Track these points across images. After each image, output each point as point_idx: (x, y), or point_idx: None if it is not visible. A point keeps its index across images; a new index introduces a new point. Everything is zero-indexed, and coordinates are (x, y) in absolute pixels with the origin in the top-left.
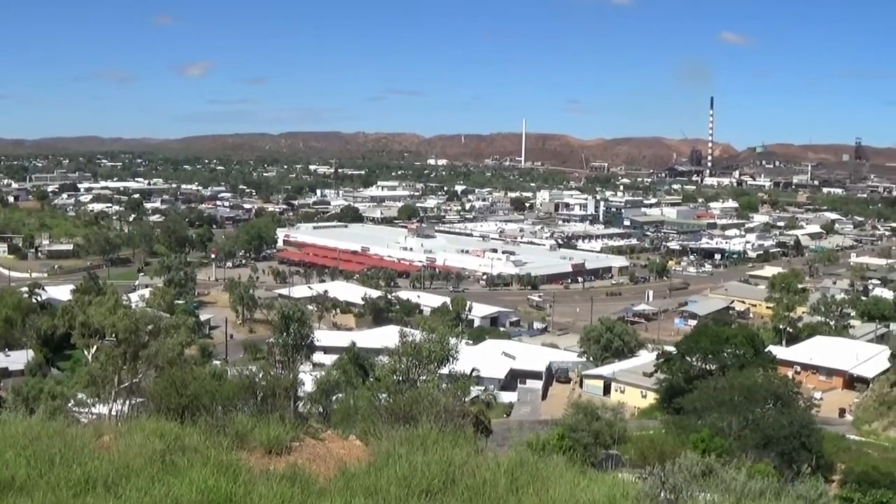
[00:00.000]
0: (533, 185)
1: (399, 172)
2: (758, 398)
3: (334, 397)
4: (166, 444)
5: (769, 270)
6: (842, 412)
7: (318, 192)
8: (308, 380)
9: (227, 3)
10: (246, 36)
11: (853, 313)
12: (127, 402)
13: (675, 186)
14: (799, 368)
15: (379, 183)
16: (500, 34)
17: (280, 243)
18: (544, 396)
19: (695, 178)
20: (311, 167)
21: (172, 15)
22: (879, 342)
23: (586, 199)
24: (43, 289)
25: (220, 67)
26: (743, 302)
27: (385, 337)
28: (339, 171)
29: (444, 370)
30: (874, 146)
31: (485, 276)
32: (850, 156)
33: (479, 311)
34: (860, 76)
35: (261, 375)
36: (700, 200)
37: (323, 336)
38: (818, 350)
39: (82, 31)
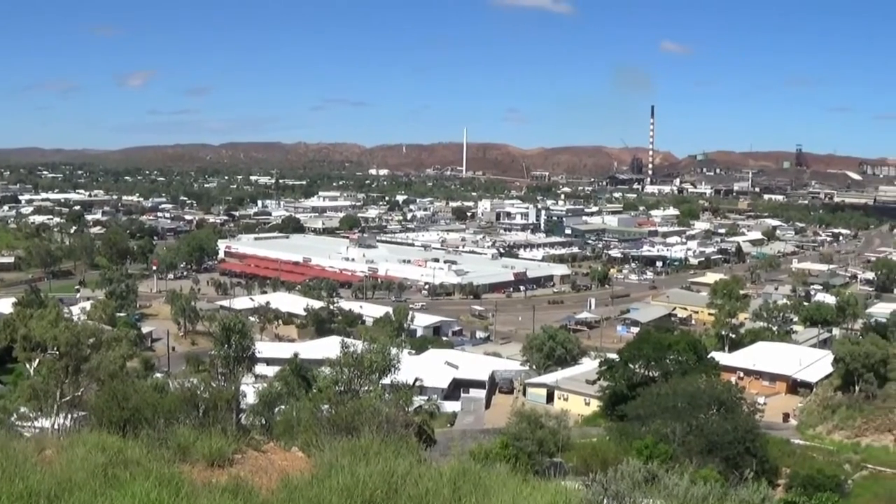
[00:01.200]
0: (474, 194)
1: (340, 183)
2: (701, 404)
3: (277, 409)
4: (108, 457)
5: (711, 277)
6: (786, 417)
7: (260, 202)
8: (250, 392)
9: (168, 13)
10: (186, 46)
11: (795, 319)
12: (69, 416)
13: (616, 195)
14: (742, 374)
15: (320, 193)
16: (441, 44)
17: (221, 255)
18: (488, 405)
19: (636, 186)
20: (253, 178)
21: (113, 25)
22: (822, 347)
23: (527, 207)
24: None
25: (160, 78)
26: (685, 309)
27: (327, 348)
28: (281, 181)
29: (386, 380)
30: (815, 153)
31: (427, 286)
32: (791, 163)
33: (422, 321)
34: (800, 83)
35: (203, 388)
36: (641, 208)
37: (265, 348)
38: (761, 355)
39: (23, 40)
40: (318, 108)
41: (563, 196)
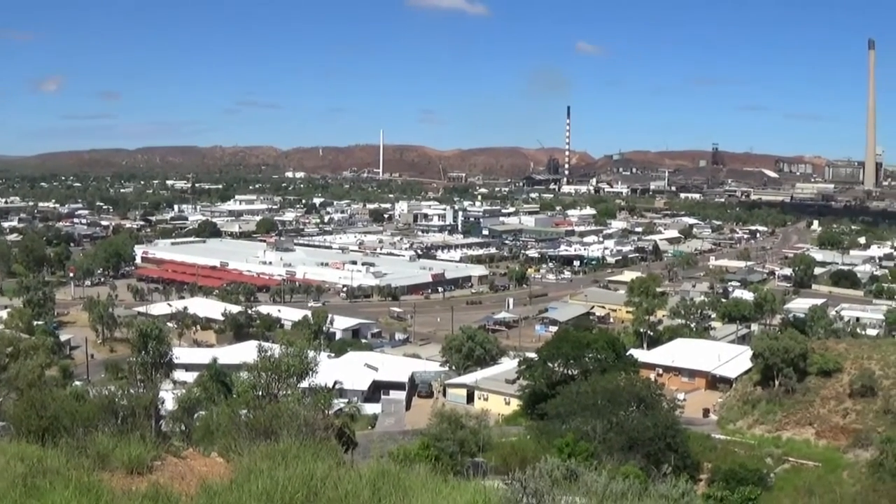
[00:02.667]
0: (391, 196)
1: (257, 186)
2: (621, 401)
3: (196, 415)
4: (28, 466)
5: (628, 275)
6: (706, 412)
7: (176, 207)
8: (169, 398)
9: (79, 15)
10: (99, 49)
11: (714, 315)
12: None
13: (533, 195)
14: (661, 371)
15: (237, 197)
16: (357, 45)
17: (139, 260)
18: (408, 407)
19: (552, 186)
20: (169, 182)
21: (24, 28)
22: (741, 343)
23: (445, 209)
24: None
25: (74, 82)
26: (603, 307)
27: (246, 352)
28: (197, 185)
29: (305, 384)
30: (731, 151)
31: (345, 289)
32: (707, 161)
33: (341, 324)
34: (716, 83)
35: (121, 395)
36: (558, 208)
37: (183, 353)
38: (680, 352)
39: None
40: (233, 111)
41: (480, 197)
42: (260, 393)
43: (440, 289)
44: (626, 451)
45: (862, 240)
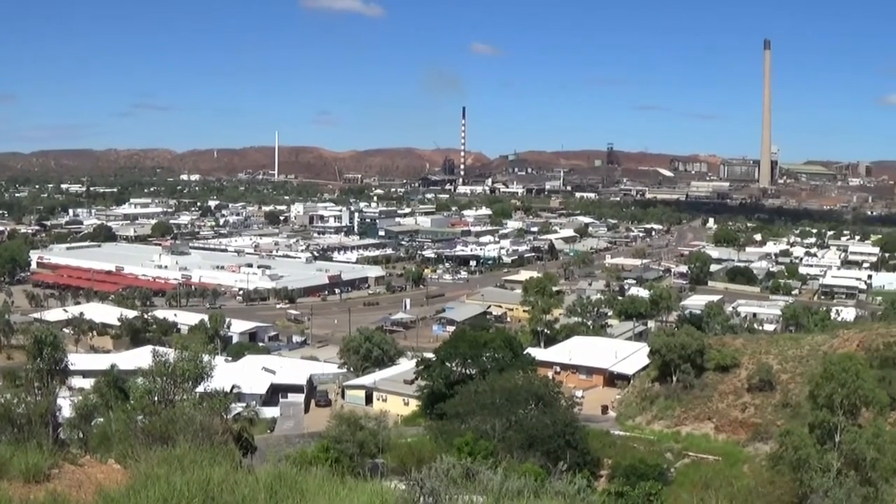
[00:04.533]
0: (287, 198)
1: (152, 189)
2: (519, 399)
3: (93, 422)
4: None
5: (524, 275)
6: (604, 409)
7: (71, 211)
8: (66, 405)
9: None
10: None
11: (610, 313)
12: None
13: (429, 196)
14: (559, 368)
15: (132, 200)
16: (252, 46)
17: (34, 266)
18: (307, 410)
19: (448, 186)
20: (64, 186)
21: None
22: (638, 340)
23: (341, 210)
24: None
25: None
26: (500, 306)
27: (143, 357)
28: (92, 189)
29: (201, 388)
30: (626, 151)
31: (241, 292)
32: (603, 161)
33: (238, 327)
34: (611, 83)
35: (17, 403)
36: (454, 209)
37: (80, 360)
38: (577, 350)
39: None
40: (128, 114)
41: (375, 198)
42: (156, 398)
43: (337, 290)
44: (526, 449)
45: (758, 237)
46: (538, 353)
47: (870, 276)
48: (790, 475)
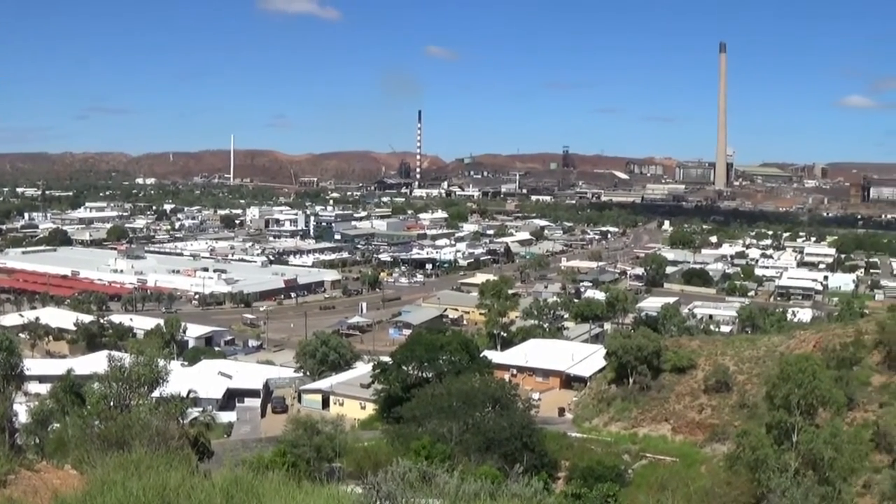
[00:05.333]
0: (243, 201)
1: (107, 193)
2: (476, 402)
3: (50, 427)
4: None
5: (480, 278)
6: (561, 411)
7: (27, 215)
8: (22, 411)
9: None
10: None
11: (566, 315)
12: None
13: (385, 199)
14: (515, 371)
15: (87, 204)
16: (207, 49)
17: None
18: (263, 414)
19: (404, 190)
20: (19, 190)
21: None
22: (594, 342)
23: (296, 214)
24: None
25: None
26: (456, 309)
27: (99, 362)
28: (47, 192)
29: (157, 393)
30: (581, 154)
31: (197, 296)
32: (558, 164)
33: (193, 332)
34: (568, 86)
35: None
36: (410, 212)
37: (36, 365)
38: (534, 352)
39: None
40: (84, 117)
41: (331, 202)
42: (112, 403)
43: (293, 294)
44: (484, 451)
45: (713, 239)
46: (495, 355)
47: (826, 278)
48: (747, 475)
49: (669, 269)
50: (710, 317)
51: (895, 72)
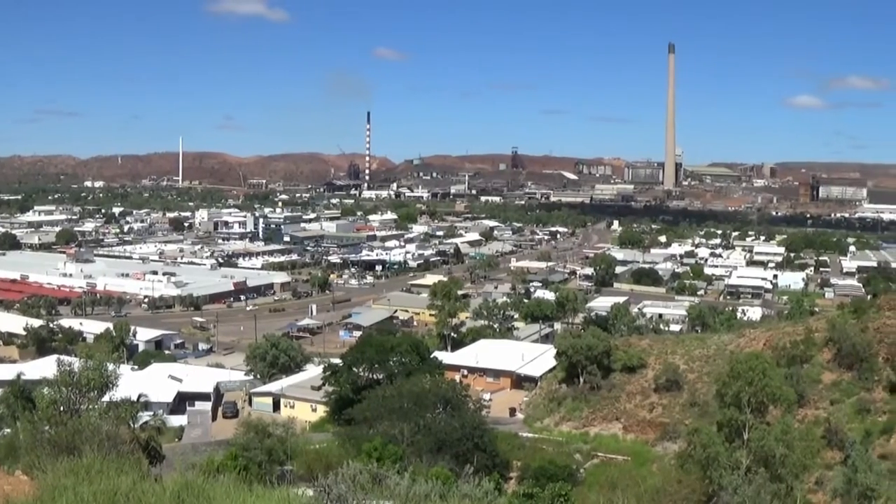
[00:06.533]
0: (191, 204)
1: (56, 196)
2: (427, 403)
3: (0, 432)
4: None
5: (430, 279)
6: (512, 411)
7: None
8: None
9: None
10: None
11: (516, 315)
12: None
13: (334, 201)
14: (466, 372)
15: (36, 208)
16: (157, 51)
17: None
18: (214, 417)
19: (353, 191)
20: None
21: None
22: (545, 341)
23: (245, 216)
24: None
25: None
26: (406, 311)
27: (49, 367)
28: None
29: (107, 397)
30: (530, 154)
31: (147, 299)
32: (508, 164)
33: (143, 335)
34: (517, 87)
35: None
36: (359, 214)
37: None
38: (484, 353)
39: None
40: (32, 120)
41: (280, 203)
42: (62, 408)
43: (242, 297)
44: (435, 452)
45: (663, 238)
46: (445, 356)
47: (775, 276)
48: (699, 473)
49: (619, 269)
50: (660, 316)
51: (844, 72)
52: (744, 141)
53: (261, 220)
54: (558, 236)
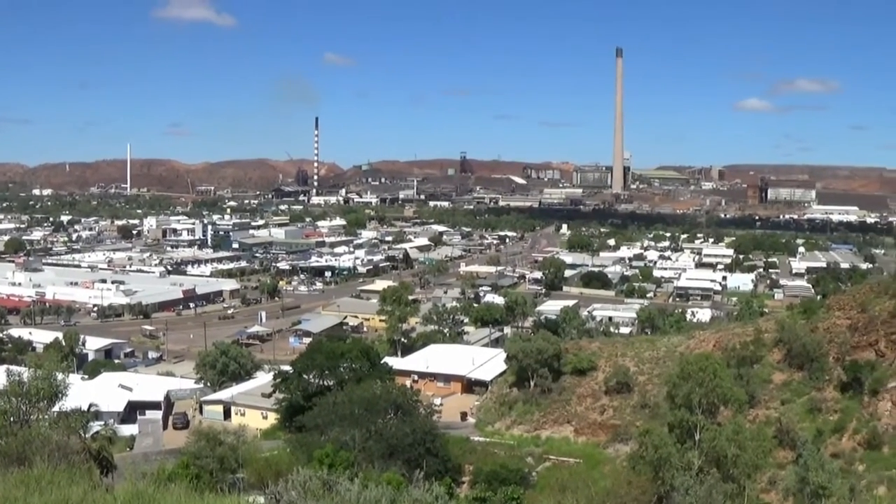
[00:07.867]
0: (140, 211)
1: (4, 205)
2: (378, 409)
3: None
4: None
5: (380, 284)
6: (463, 415)
7: None
8: None
9: None
10: None
11: (466, 320)
12: None
13: (283, 207)
14: (416, 377)
15: None
16: (103, 58)
17: None
18: (165, 426)
19: (302, 197)
20: None
21: None
22: (495, 346)
23: (194, 223)
24: None
25: None
26: (356, 317)
27: None
28: None
29: (57, 407)
30: (479, 159)
31: (96, 308)
32: (456, 169)
33: (93, 344)
34: (466, 93)
35: None
36: (308, 220)
37: None
38: (434, 358)
39: None
40: None
41: (229, 210)
42: (11, 419)
43: (192, 304)
44: (387, 458)
45: (612, 242)
46: (396, 362)
47: (724, 278)
48: (650, 474)
49: (568, 273)
50: (610, 319)
51: (792, 75)
52: (692, 144)
53: (209, 228)
54: (507, 241)
